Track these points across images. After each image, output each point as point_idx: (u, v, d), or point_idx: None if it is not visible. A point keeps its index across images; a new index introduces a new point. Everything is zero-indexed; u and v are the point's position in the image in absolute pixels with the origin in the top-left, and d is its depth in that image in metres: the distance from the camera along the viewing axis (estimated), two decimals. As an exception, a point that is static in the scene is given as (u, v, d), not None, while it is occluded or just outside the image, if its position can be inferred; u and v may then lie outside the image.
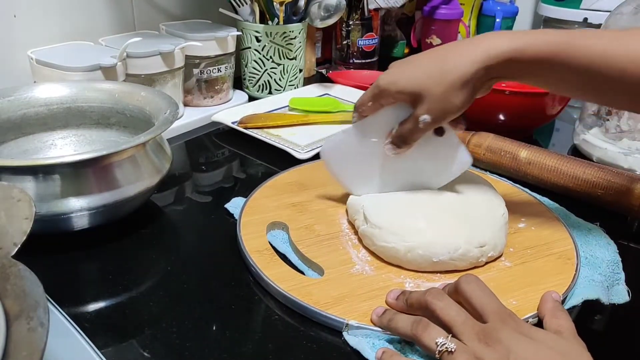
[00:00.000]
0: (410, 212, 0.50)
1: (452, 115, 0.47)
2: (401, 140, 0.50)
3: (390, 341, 0.41)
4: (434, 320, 0.39)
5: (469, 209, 0.51)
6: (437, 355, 0.36)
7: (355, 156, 0.54)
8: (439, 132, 0.50)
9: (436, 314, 0.39)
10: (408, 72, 0.47)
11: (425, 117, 0.46)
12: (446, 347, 0.36)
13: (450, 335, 0.37)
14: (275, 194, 0.59)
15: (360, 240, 0.51)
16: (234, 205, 0.58)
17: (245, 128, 0.76)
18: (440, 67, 0.45)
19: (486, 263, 0.49)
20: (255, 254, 0.49)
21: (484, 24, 1.30)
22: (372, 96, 0.49)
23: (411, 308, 0.41)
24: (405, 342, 0.40)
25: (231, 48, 0.85)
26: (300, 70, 0.95)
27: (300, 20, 0.90)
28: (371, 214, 0.50)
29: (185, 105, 0.84)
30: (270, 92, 0.92)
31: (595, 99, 0.55)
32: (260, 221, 0.54)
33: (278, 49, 0.88)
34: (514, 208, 0.56)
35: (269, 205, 0.57)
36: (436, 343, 0.37)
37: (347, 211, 0.55)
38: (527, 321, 0.41)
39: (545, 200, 0.61)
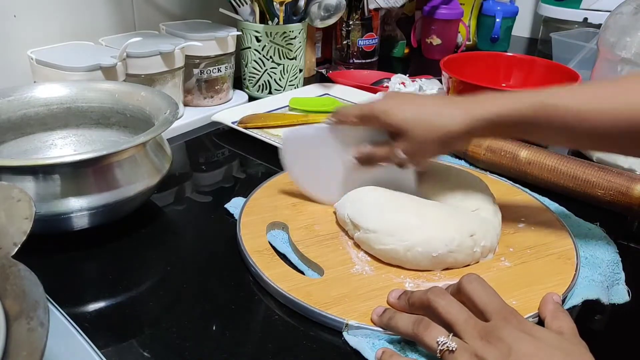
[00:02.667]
0: (398, 211, 0.50)
1: (424, 160, 0.52)
2: (368, 160, 0.53)
3: (390, 341, 0.41)
4: (436, 319, 0.39)
5: (448, 201, 0.53)
6: (438, 354, 0.37)
7: (312, 154, 0.56)
8: (400, 164, 0.52)
9: (438, 313, 0.39)
10: (403, 109, 0.49)
11: (400, 153, 0.50)
12: (447, 346, 0.36)
13: (452, 334, 0.37)
14: (275, 194, 0.59)
15: None
16: (234, 205, 0.58)
17: (245, 128, 0.76)
18: (430, 119, 0.48)
19: (479, 261, 0.49)
20: (255, 254, 0.49)
21: (484, 24, 1.30)
22: (360, 115, 0.51)
23: (413, 307, 0.41)
24: (406, 341, 0.40)
25: (231, 48, 0.85)
26: (300, 70, 0.95)
27: (300, 20, 0.90)
28: (360, 220, 0.50)
29: (185, 105, 0.84)
30: (270, 92, 0.92)
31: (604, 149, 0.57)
32: (260, 221, 0.54)
33: (278, 49, 0.88)
34: (514, 208, 0.56)
35: (269, 205, 0.57)
36: (437, 342, 0.37)
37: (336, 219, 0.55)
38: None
39: (545, 200, 0.61)
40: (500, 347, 0.35)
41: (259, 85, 0.92)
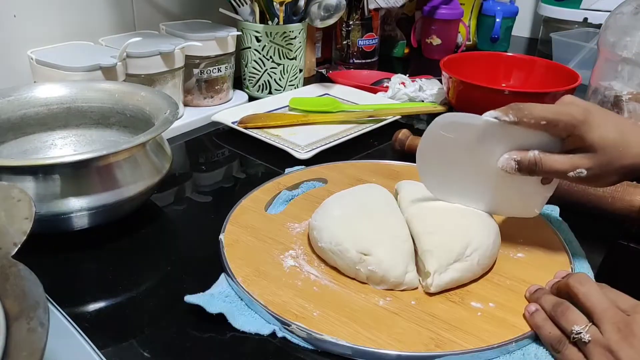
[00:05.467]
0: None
1: (595, 185, 0.46)
2: (533, 169, 0.45)
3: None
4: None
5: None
6: (569, 341, 0.37)
7: (464, 147, 0.48)
8: (547, 179, 0.48)
9: (577, 298, 0.39)
10: (603, 121, 0.43)
11: (582, 172, 0.44)
12: (581, 337, 0.36)
13: (590, 324, 0.37)
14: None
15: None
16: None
17: (245, 128, 0.76)
18: (629, 144, 0.43)
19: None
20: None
21: (484, 23, 1.30)
22: (552, 118, 0.43)
23: (559, 293, 0.42)
24: None
25: (231, 48, 0.85)
26: (300, 70, 0.95)
27: (300, 20, 0.90)
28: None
29: (185, 105, 0.84)
30: (270, 92, 0.92)
31: None
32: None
33: (278, 49, 0.88)
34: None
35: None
36: (573, 330, 0.37)
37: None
38: None
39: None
40: (636, 344, 0.34)
41: (259, 85, 0.92)
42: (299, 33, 0.89)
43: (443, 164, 0.49)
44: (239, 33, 0.86)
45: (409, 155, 0.70)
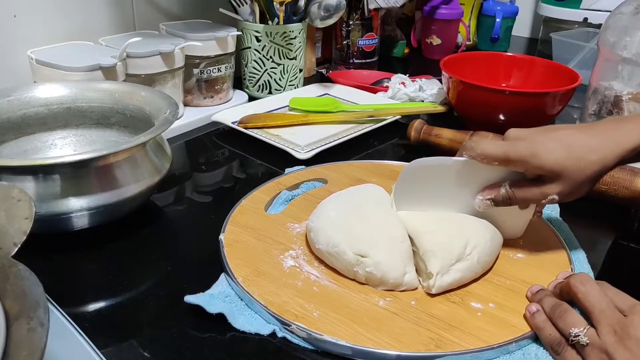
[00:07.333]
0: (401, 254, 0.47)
1: (571, 199, 0.46)
2: (507, 201, 0.47)
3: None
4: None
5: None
6: (567, 343, 0.38)
7: (434, 187, 0.49)
8: (524, 205, 0.49)
9: (577, 298, 0.39)
10: (552, 149, 0.44)
11: (555, 197, 0.45)
12: (579, 340, 0.37)
13: (588, 327, 0.37)
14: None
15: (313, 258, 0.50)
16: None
17: (245, 128, 0.76)
18: (584, 157, 0.44)
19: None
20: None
21: (484, 23, 1.30)
22: (503, 158, 0.45)
23: (561, 293, 0.42)
24: None
25: (231, 48, 0.85)
26: (300, 70, 0.95)
27: (300, 20, 0.90)
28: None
29: (185, 105, 0.84)
30: (270, 92, 0.92)
31: None
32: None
33: (278, 49, 0.88)
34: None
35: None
36: (571, 332, 0.37)
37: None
38: None
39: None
40: (631, 347, 0.34)
41: (259, 85, 0.92)
42: (299, 33, 0.89)
43: (421, 205, 0.50)
44: (239, 33, 0.86)
45: (411, 155, 0.71)
